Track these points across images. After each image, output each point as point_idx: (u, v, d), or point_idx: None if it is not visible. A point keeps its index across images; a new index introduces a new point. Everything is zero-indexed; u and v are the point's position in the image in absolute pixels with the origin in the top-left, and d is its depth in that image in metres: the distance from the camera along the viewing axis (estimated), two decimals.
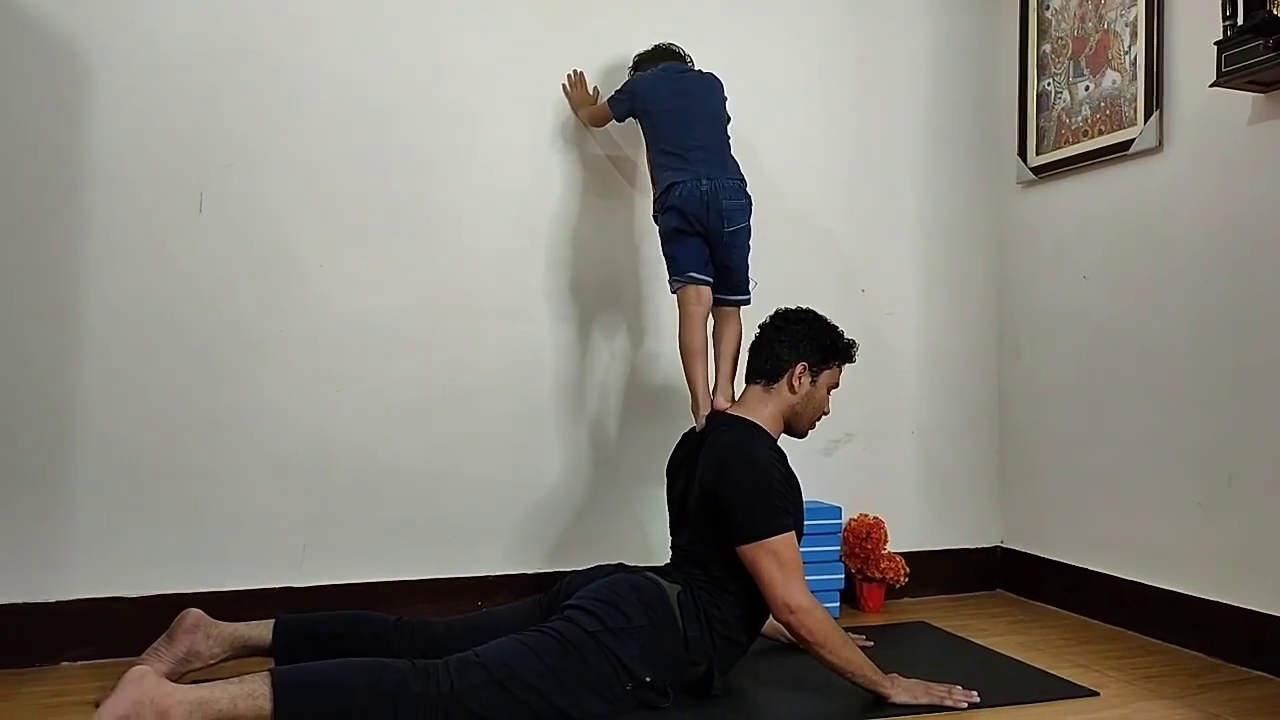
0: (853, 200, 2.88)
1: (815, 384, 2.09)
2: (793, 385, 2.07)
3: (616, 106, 2.43)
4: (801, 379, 2.07)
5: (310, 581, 2.34)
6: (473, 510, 2.49)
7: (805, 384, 2.08)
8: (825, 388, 2.12)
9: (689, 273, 2.27)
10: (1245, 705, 1.92)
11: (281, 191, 2.36)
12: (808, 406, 2.10)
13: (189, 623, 1.86)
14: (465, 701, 1.66)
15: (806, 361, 2.07)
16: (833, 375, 2.13)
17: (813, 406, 2.11)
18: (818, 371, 2.09)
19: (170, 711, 1.45)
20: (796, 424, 2.12)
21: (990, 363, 2.99)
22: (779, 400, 2.08)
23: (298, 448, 2.36)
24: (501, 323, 2.53)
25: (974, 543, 2.94)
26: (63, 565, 2.18)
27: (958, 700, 1.88)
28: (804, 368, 2.07)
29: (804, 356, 2.08)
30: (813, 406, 2.11)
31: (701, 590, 1.92)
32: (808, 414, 2.11)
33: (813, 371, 2.08)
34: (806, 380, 2.08)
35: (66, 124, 2.21)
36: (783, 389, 2.08)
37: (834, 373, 2.13)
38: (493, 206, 2.53)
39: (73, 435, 2.20)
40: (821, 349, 2.09)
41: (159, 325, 2.27)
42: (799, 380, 2.07)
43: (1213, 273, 2.28)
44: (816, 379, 2.09)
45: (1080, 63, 2.69)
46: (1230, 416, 2.23)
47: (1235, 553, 2.21)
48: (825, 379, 2.11)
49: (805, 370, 2.07)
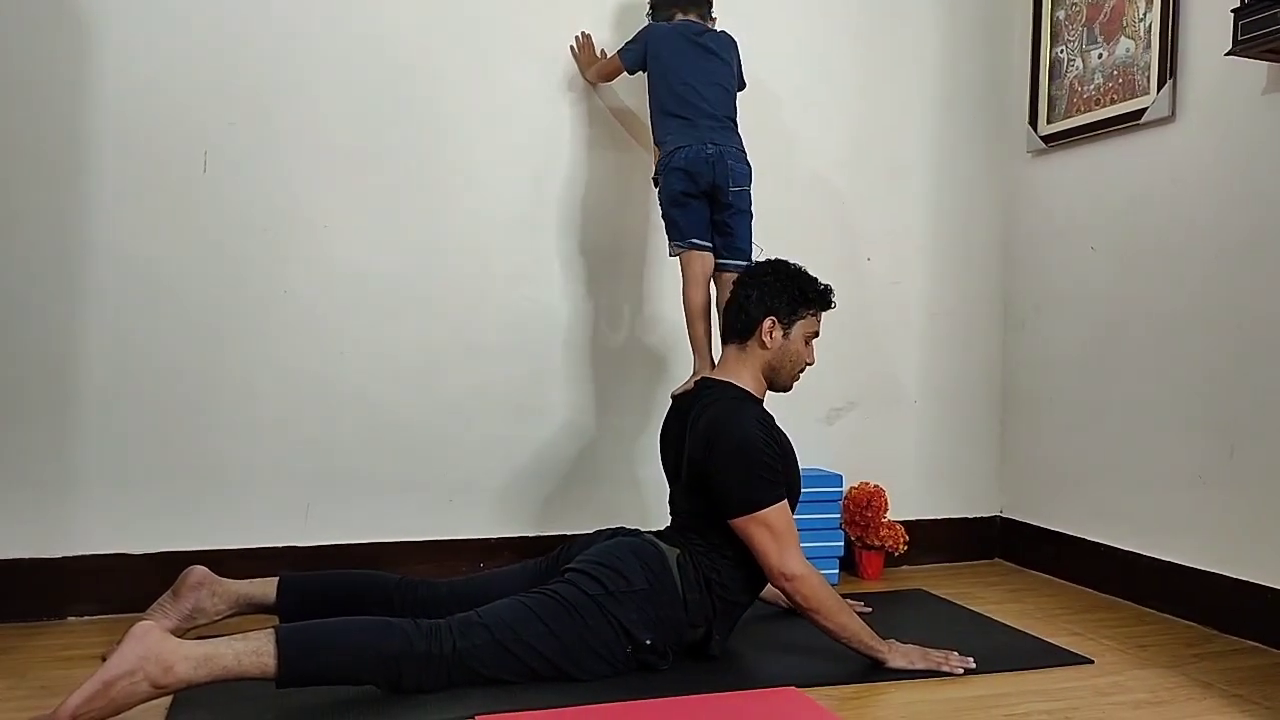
0: (860, 168, 2.85)
1: (789, 336, 2.02)
2: (764, 341, 2.01)
3: (627, 56, 2.39)
4: (773, 333, 2.01)
5: (315, 541, 2.36)
6: (477, 471, 2.50)
7: (778, 338, 2.01)
8: (801, 338, 2.04)
9: (690, 238, 2.26)
10: (1238, 674, 1.94)
11: (287, 150, 2.35)
12: (784, 360, 2.03)
13: (194, 579, 1.87)
14: (468, 661, 1.69)
15: (775, 315, 2.01)
16: (808, 325, 2.05)
17: (790, 360, 2.04)
18: (789, 323, 2.02)
19: (175, 667, 1.47)
20: (776, 380, 2.06)
21: (995, 333, 2.98)
22: (754, 358, 2.03)
23: (303, 407, 2.37)
24: (508, 283, 2.52)
25: (974, 512, 2.95)
26: (69, 521, 2.20)
27: (954, 666, 1.90)
28: (773, 322, 2.01)
29: (772, 310, 2.01)
30: (790, 360, 2.04)
31: (700, 554, 1.93)
32: (786, 368, 2.05)
33: (783, 324, 2.02)
34: (778, 334, 2.01)
35: (70, 82, 2.19)
36: (755, 346, 2.02)
37: (809, 322, 2.05)
38: (502, 165, 2.52)
39: (79, 394, 2.21)
40: (790, 299, 2.02)
41: (165, 284, 2.27)
42: (770, 335, 2.01)
43: (1223, 245, 2.27)
44: (789, 331, 2.02)
45: (1094, 30, 2.65)
46: (1234, 389, 2.23)
47: (1235, 524, 2.22)
48: (799, 330, 2.04)
49: (775, 324, 2.01)
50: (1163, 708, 1.77)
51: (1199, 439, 2.31)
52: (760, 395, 2.06)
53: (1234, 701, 1.80)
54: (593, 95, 2.60)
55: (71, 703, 1.42)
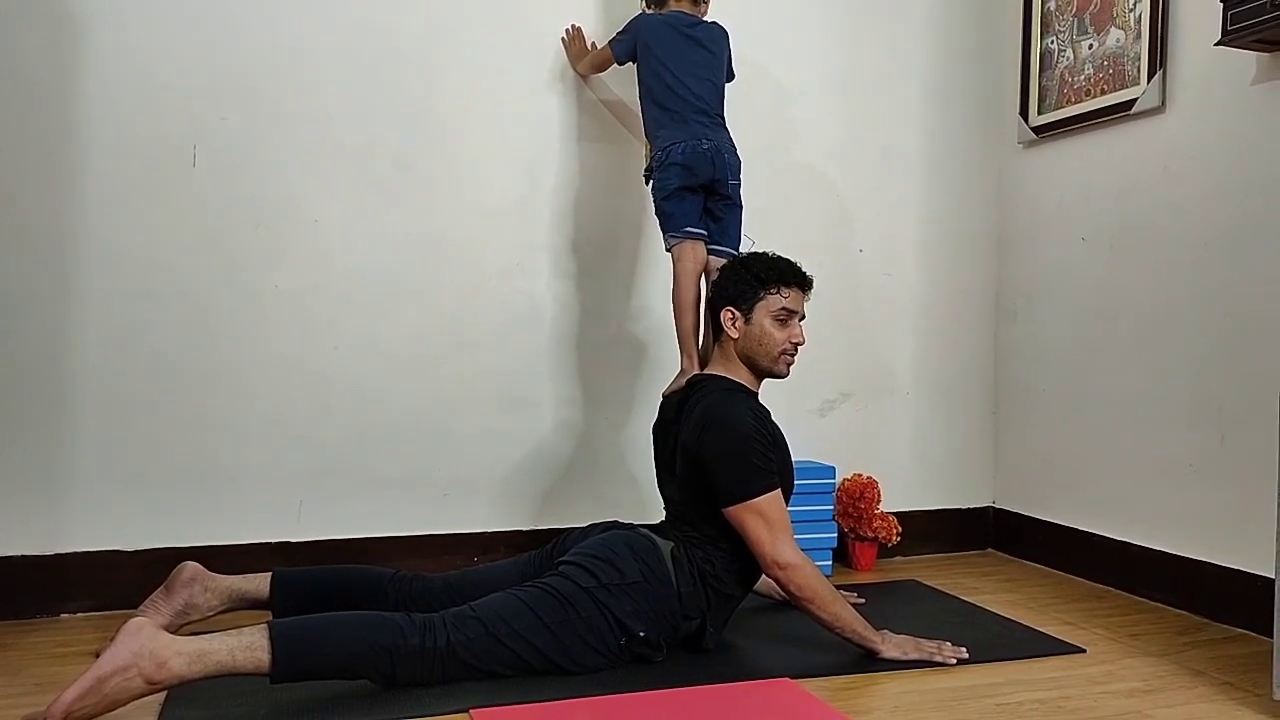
0: (851, 159, 2.85)
1: (750, 321, 2.02)
2: (729, 332, 2.03)
3: (617, 46, 2.39)
4: (735, 323, 2.03)
5: (307, 536, 2.36)
6: (470, 465, 2.50)
7: (740, 325, 2.03)
8: (765, 319, 2.01)
9: (686, 228, 2.26)
10: (1229, 662, 1.95)
11: (277, 144, 2.34)
12: (755, 346, 2.02)
13: (186, 575, 1.87)
14: (462, 654, 1.69)
15: (732, 304, 2.03)
16: (770, 304, 2.01)
17: (759, 343, 2.02)
18: (748, 308, 2.02)
19: (169, 663, 1.47)
20: (757, 365, 2.05)
21: (987, 324, 2.99)
22: (729, 350, 2.06)
23: (296, 401, 2.36)
24: (501, 277, 2.52)
25: (966, 503, 2.96)
26: (62, 518, 2.20)
27: (946, 656, 1.91)
28: (731, 312, 2.03)
29: (729, 299, 2.03)
30: (759, 343, 2.02)
31: (695, 546, 1.93)
32: (761, 352, 2.03)
33: (742, 311, 2.03)
34: (740, 322, 2.03)
35: (59, 77, 2.18)
36: (726, 339, 2.05)
37: (769, 301, 2.01)
38: (494, 159, 2.51)
39: (70, 391, 2.20)
40: (741, 284, 2.03)
41: (157, 279, 2.26)
42: (733, 325, 2.03)
43: (1213, 235, 2.27)
44: (750, 316, 2.02)
45: (1084, 20, 2.65)
46: (1225, 378, 2.24)
47: (1226, 513, 2.23)
48: (760, 311, 2.01)
49: (733, 312, 2.03)
50: (1155, 695, 1.78)
51: (1190, 428, 2.32)
52: (754, 388, 2.07)
53: (1225, 689, 1.81)
54: (584, 88, 2.59)
55: (65, 699, 1.42)
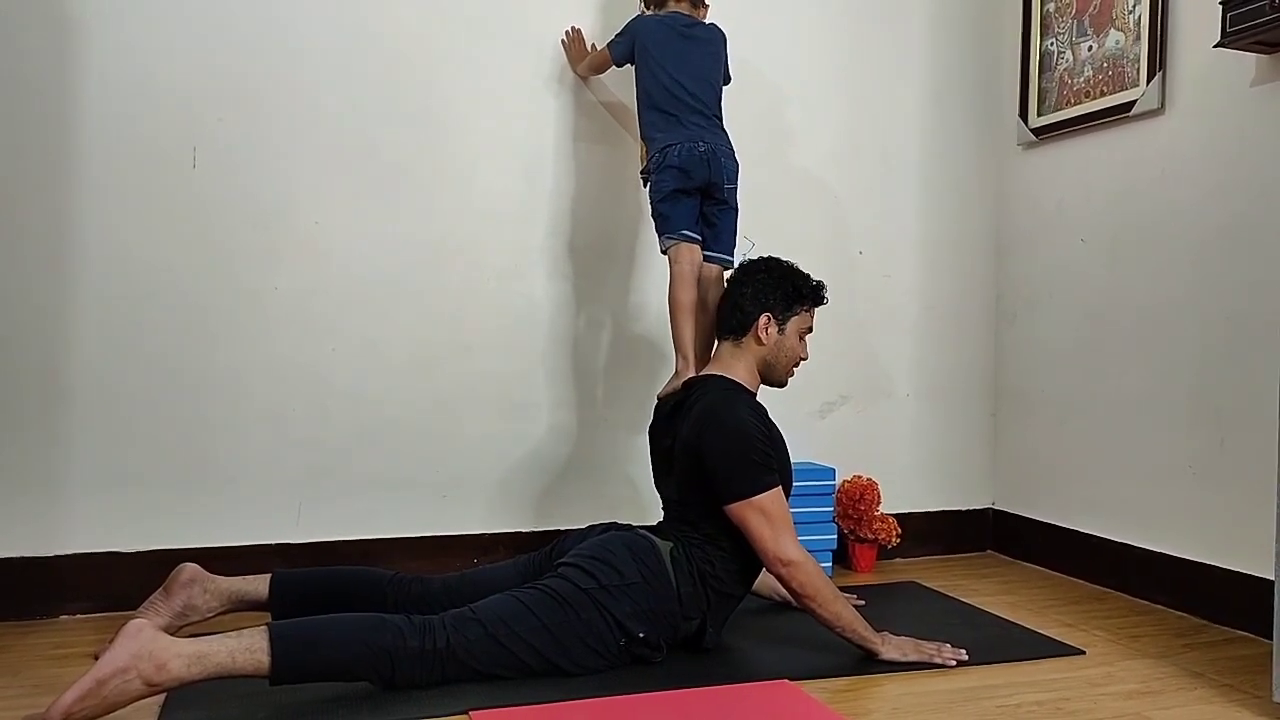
0: (851, 161, 2.85)
1: (784, 332, 2.06)
2: (760, 337, 2.05)
3: (616, 48, 2.39)
4: (768, 329, 2.05)
5: (307, 537, 2.36)
6: (469, 467, 2.50)
7: (773, 334, 2.05)
8: (796, 334, 2.08)
9: (682, 230, 2.26)
10: (1229, 664, 1.95)
11: (277, 145, 2.34)
12: (780, 356, 2.07)
13: (185, 577, 1.87)
14: (461, 656, 1.69)
15: (770, 312, 2.05)
16: (802, 320, 2.09)
17: (785, 355, 2.08)
18: (784, 320, 2.06)
19: (168, 664, 1.47)
20: (771, 375, 2.09)
21: (987, 326, 2.99)
22: (750, 353, 2.06)
23: (295, 402, 2.36)
24: (500, 278, 2.52)
25: (966, 504, 2.96)
26: (61, 520, 2.20)
27: (946, 658, 1.91)
28: (768, 318, 2.04)
29: (768, 307, 2.05)
30: (785, 355, 2.08)
31: (694, 546, 1.93)
32: (781, 363, 2.08)
33: (778, 320, 2.05)
34: (774, 330, 2.05)
35: (58, 78, 2.18)
36: (751, 342, 2.06)
37: (803, 318, 2.09)
38: (493, 161, 2.51)
39: (70, 391, 2.20)
40: (785, 296, 2.06)
41: (157, 279, 2.26)
42: (765, 331, 2.04)
43: (1212, 236, 2.28)
44: (784, 327, 2.06)
45: (1084, 22, 2.65)
46: (1225, 380, 2.24)
47: (1225, 515, 2.23)
48: (794, 326, 2.07)
49: (770, 320, 2.05)
50: (1154, 697, 1.78)
51: (1190, 430, 2.32)
52: (754, 389, 2.07)
53: (1224, 691, 1.81)
54: (583, 89, 2.59)
55: (64, 701, 1.42)
